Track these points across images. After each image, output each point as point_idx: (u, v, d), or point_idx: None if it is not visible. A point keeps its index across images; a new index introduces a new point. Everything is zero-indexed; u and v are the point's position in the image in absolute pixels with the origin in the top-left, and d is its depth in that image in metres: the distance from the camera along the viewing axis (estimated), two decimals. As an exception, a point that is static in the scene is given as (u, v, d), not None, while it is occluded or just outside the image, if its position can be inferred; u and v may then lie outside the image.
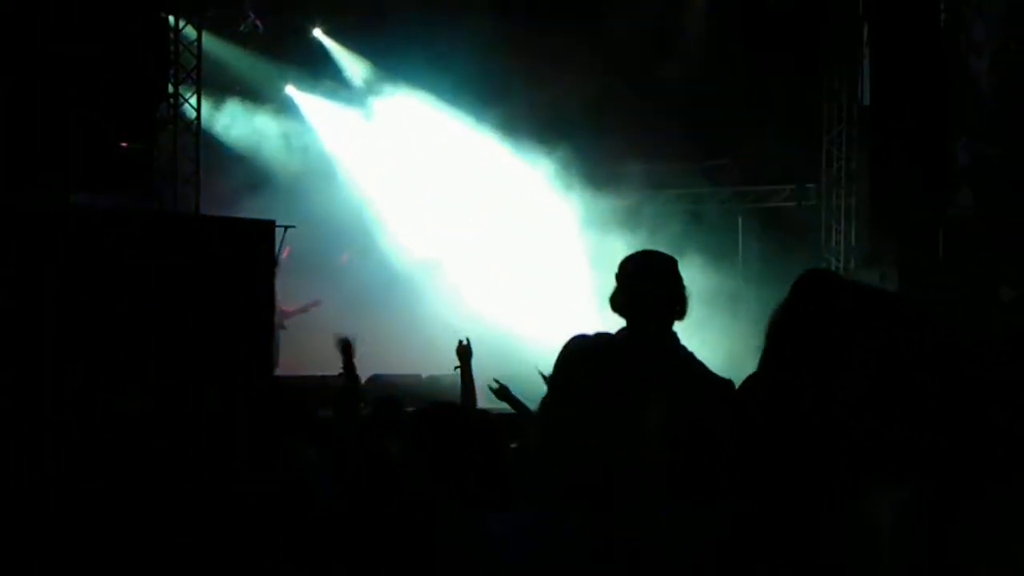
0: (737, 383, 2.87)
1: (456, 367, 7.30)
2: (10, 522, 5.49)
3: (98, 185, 12.79)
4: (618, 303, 4.55)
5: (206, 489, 5.06)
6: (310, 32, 18.87)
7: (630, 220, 17.40)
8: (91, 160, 12.64)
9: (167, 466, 5.34)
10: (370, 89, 19.05)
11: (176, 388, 8.06)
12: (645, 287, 4.49)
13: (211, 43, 16.57)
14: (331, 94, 18.95)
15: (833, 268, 18.04)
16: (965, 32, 16.53)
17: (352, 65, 19.16)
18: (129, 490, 5.25)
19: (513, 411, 6.98)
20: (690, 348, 4.61)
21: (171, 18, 14.87)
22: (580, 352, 4.48)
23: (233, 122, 17.92)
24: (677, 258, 4.70)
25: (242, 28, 18.07)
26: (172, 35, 14.80)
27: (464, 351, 7.30)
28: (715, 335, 11.97)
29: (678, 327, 4.59)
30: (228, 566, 4.90)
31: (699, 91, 17.19)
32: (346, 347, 7.46)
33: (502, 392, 7.25)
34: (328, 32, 18.95)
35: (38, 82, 12.24)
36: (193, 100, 15.12)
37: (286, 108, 18.70)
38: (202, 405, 6.48)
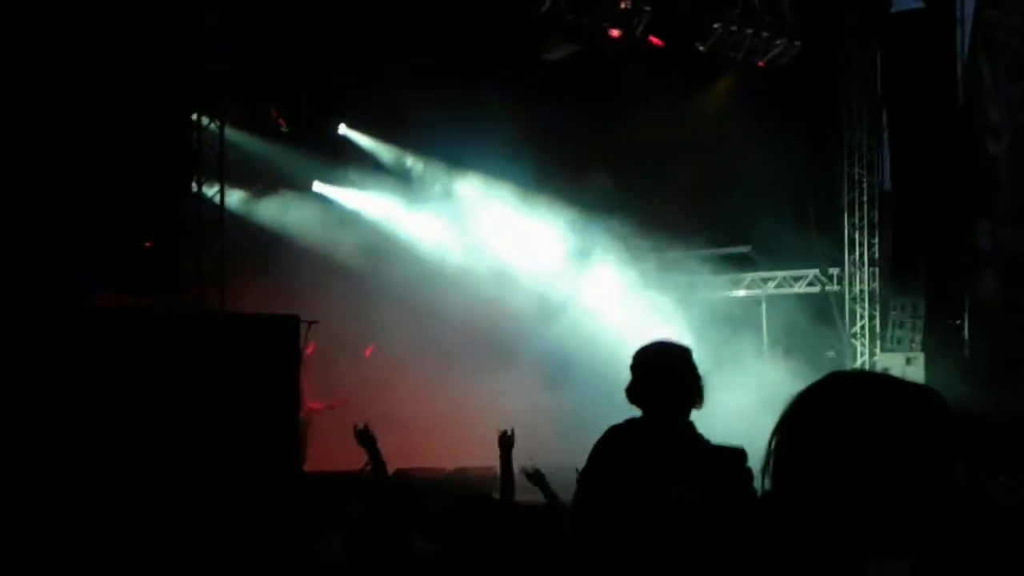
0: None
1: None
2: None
3: (123, 286, 12.83)
4: (634, 393, 4.56)
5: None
6: (334, 128, 19.03)
7: (678, 309, 17.44)
8: (116, 261, 12.71)
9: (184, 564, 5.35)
10: (399, 179, 19.19)
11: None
12: (660, 377, 4.50)
13: (236, 138, 16.69)
14: (358, 186, 19.02)
15: (858, 352, 18.00)
16: (982, 116, 16.62)
17: (379, 155, 19.30)
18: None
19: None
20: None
21: (194, 116, 14.96)
22: (605, 448, 4.52)
23: (260, 216, 18.03)
24: (706, 342, 4.72)
25: (267, 126, 18.22)
26: (195, 133, 14.87)
27: (507, 441, 7.12)
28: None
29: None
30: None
31: (722, 178, 17.26)
32: (366, 437, 7.19)
33: (536, 476, 7.16)
34: (352, 126, 19.11)
35: (63, 182, 12.36)
36: (216, 198, 15.16)
37: (312, 201, 18.77)
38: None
